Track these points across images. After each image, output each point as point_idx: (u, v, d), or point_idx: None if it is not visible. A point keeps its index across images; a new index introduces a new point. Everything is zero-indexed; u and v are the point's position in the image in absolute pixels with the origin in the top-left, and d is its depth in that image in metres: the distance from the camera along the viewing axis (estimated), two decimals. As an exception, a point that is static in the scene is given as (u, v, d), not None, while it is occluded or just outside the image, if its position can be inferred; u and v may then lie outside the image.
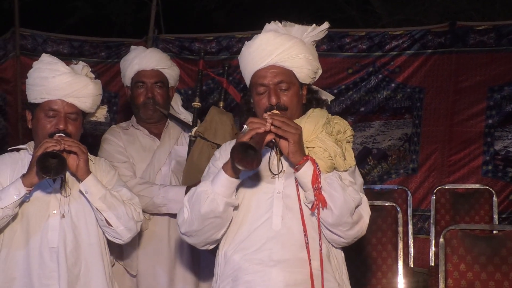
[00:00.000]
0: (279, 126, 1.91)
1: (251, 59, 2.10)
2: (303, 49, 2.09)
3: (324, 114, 2.08)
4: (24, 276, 2.23)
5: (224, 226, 2.04)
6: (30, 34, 4.91)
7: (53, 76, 2.27)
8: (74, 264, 2.26)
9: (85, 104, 2.34)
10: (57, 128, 2.26)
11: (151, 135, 2.99)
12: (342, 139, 2.06)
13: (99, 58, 4.96)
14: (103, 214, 2.25)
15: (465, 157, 4.58)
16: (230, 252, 2.05)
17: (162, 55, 3.05)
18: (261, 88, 2.07)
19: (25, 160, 2.35)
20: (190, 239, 2.10)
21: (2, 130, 4.88)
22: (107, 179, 2.40)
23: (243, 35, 4.96)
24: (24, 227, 2.26)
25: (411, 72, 4.72)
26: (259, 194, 2.04)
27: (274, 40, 2.06)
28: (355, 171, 2.10)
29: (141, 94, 2.94)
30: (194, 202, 2.02)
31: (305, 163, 1.93)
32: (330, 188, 1.93)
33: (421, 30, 4.75)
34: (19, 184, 2.17)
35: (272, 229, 2.00)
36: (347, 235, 1.99)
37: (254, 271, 1.99)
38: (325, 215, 1.94)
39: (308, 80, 2.12)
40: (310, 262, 1.95)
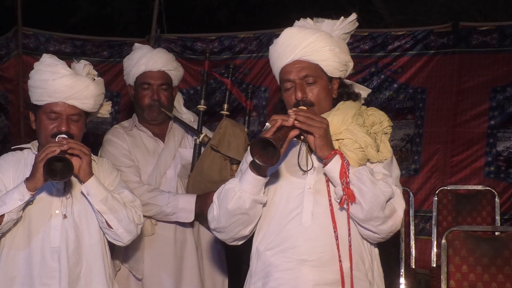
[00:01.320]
0: (304, 121, 1.89)
1: (277, 56, 2.10)
2: (329, 41, 2.07)
3: (354, 106, 2.06)
4: (25, 276, 2.23)
5: (252, 222, 2.04)
6: (33, 33, 4.90)
7: (53, 79, 2.27)
8: (75, 264, 2.26)
9: (86, 105, 2.34)
10: (60, 130, 2.27)
11: (155, 136, 2.97)
12: (378, 130, 2.02)
13: (102, 57, 4.96)
14: (104, 216, 2.26)
15: (467, 158, 4.56)
16: (262, 248, 2.04)
17: (169, 56, 3.02)
18: (288, 84, 2.06)
19: (28, 159, 2.35)
20: (219, 235, 2.10)
21: (4, 129, 4.88)
22: (110, 180, 2.41)
23: (245, 34, 4.96)
24: (26, 227, 2.27)
25: (414, 73, 4.71)
26: (290, 189, 2.03)
27: (298, 34, 2.06)
28: (392, 163, 2.05)
29: (146, 96, 2.92)
30: (222, 198, 2.02)
31: (333, 157, 1.91)
32: (359, 182, 1.90)
33: (424, 31, 4.73)
34: (23, 188, 2.17)
35: (302, 225, 1.98)
36: (380, 230, 1.95)
37: (284, 268, 1.98)
38: (354, 210, 1.91)
39: (337, 73, 2.10)
40: (340, 259, 1.93)
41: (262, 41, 4.89)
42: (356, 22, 2.18)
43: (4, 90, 4.83)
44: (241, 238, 2.10)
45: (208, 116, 4.11)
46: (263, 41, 4.89)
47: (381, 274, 2.08)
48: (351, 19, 2.16)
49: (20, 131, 4.81)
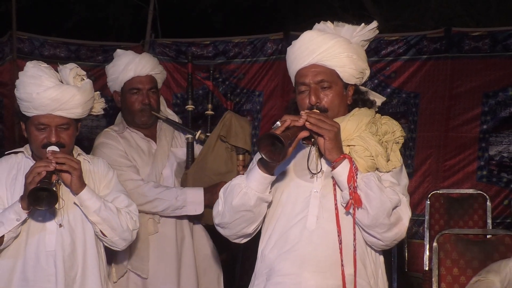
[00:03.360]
0: (315, 123, 1.89)
1: (294, 58, 2.08)
2: (347, 48, 2.05)
3: (369, 114, 2.05)
4: (20, 280, 2.22)
5: (255, 221, 2.03)
6: (27, 37, 4.91)
7: (37, 93, 2.23)
8: (70, 268, 2.26)
9: (75, 113, 2.31)
10: (49, 141, 2.24)
11: (146, 137, 3.00)
12: (390, 139, 2.01)
13: (96, 61, 4.96)
14: (97, 226, 2.26)
15: (460, 162, 4.60)
16: (266, 250, 2.04)
17: (155, 60, 3.05)
18: (303, 87, 2.04)
19: (21, 163, 2.34)
20: (223, 231, 2.09)
21: (-1, 133, 4.88)
22: (105, 181, 2.41)
23: (239, 39, 4.98)
24: (23, 233, 2.26)
25: (407, 78, 4.74)
26: (297, 192, 2.02)
27: (317, 38, 2.04)
28: (401, 172, 2.04)
29: (136, 101, 2.93)
30: (227, 194, 2.02)
31: (342, 161, 1.90)
32: (366, 188, 1.88)
33: (417, 36, 4.77)
34: (18, 208, 2.17)
35: (306, 229, 1.97)
36: (384, 237, 1.92)
37: (286, 272, 1.96)
38: (360, 215, 1.89)
39: (353, 80, 2.09)
40: (343, 264, 1.91)
41: (256, 46, 4.92)
42: (376, 30, 2.15)
43: (-2, 95, 4.84)
44: (245, 235, 2.09)
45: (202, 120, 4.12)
46: (257, 46, 4.92)
47: (386, 282, 2.06)
48: (372, 27, 2.14)
49: (15, 135, 4.81)
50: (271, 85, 4.88)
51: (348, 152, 1.95)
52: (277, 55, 4.87)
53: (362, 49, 2.14)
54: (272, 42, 4.92)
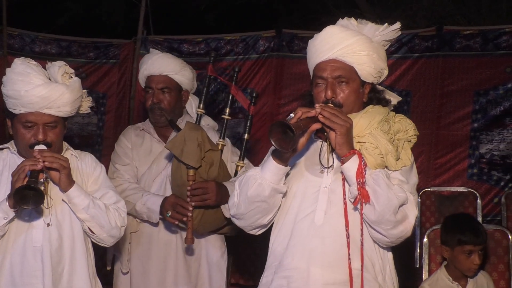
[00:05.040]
0: (328, 117, 1.89)
1: (314, 51, 2.09)
2: (368, 46, 2.06)
3: (382, 112, 2.05)
4: (8, 276, 2.21)
5: (270, 211, 2.04)
6: (18, 33, 4.88)
7: (26, 90, 2.19)
8: (58, 263, 2.25)
9: (63, 112, 2.28)
10: (37, 139, 2.22)
11: (161, 138, 3.00)
12: (402, 138, 2.02)
13: (88, 58, 4.94)
14: (86, 223, 2.25)
15: (450, 160, 4.62)
16: (276, 243, 2.06)
17: (171, 60, 3.00)
18: (320, 80, 2.06)
19: (7, 159, 2.32)
20: (238, 222, 2.11)
21: (-12, 130, 4.85)
22: (93, 177, 2.39)
23: (232, 36, 4.98)
24: (10, 230, 2.24)
25: (398, 75, 4.75)
26: (307, 186, 2.03)
27: (339, 34, 2.05)
28: (411, 171, 2.04)
29: (148, 99, 2.97)
30: (243, 185, 2.03)
31: (352, 156, 1.91)
32: (374, 184, 1.89)
33: (409, 34, 4.78)
34: (6, 207, 2.15)
35: (314, 224, 1.98)
36: (390, 234, 1.93)
37: (294, 266, 1.98)
38: (367, 211, 1.90)
39: (370, 78, 2.09)
40: (350, 258, 1.92)
41: (249, 43, 4.91)
42: (399, 31, 2.15)
43: (-12, 91, 4.80)
44: (260, 226, 2.10)
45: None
46: (249, 43, 4.91)
47: (394, 278, 2.06)
48: (395, 27, 2.14)
49: (5, 132, 4.78)
50: (263, 82, 4.88)
51: (359, 149, 1.96)
52: (269, 52, 4.87)
53: (382, 48, 2.14)
54: (265, 39, 4.92)
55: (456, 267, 2.71)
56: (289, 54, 4.86)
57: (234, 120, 4.69)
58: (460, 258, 2.69)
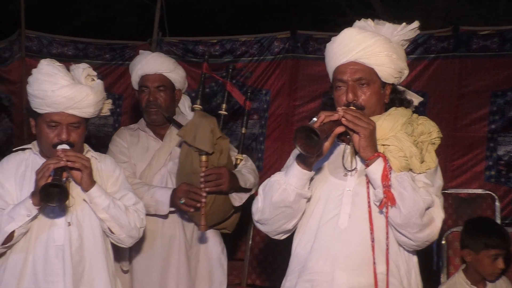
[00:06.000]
0: (351, 120, 1.89)
1: (333, 54, 2.08)
2: (387, 47, 2.05)
3: (406, 114, 2.03)
4: (31, 274, 2.25)
5: (295, 216, 2.04)
6: (36, 36, 4.94)
7: (52, 90, 2.25)
8: (78, 262, 2.28)
9: (86, 113, 2.33)
10: (60, 139, 2.26)
11: (157, 137, 3.04)
12: (425, 140, 2.01)
13: (104, 60, 4.98)
14: (106, 223, 2.28)
15: (468, 162, 4.57)
16: (299, 247, 2.05)
17: (165, 59, 3.08)
18: (340, 83, 2.05)
19: (29, 160, 2.36)
20: (262, 227, 2.11)
21: (8, 130, 4.91)
22: (112, 179, 2.42)
23: (246, 38, 4.98)
24: (33, 228, 2.28)
25: (414, 77, 4.70)
26: (331, 189, 2.02)
27: (357, 36, 2.04)
28: (436, 173, 2.03)
29: (144, 98, 3.00)
30: (267, 191, 2.03)
31: (376, 159, 1.90)
32: (400, 187, 1.87)
33: (424, 35, 4.73)
34: (29, 204, 2.19)
35: (338, 227, 1.97)
36: (416, 238, 1.92)
37: (318, 270, 1.97)
38: (393, 214, 1.88)
39: (391, 79, 2.08)
40: (375, 262, 1.91)
41: (263, 44, 4.91)
42: (417, 30, 2.15)
43: (7, 93, 4.85)
44: (284, 232, 2.09)
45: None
46: (264, 44, 4.91)
47: (419, 283, 2.05)
48: (413, 27, 2.13)
49: (23, 133, 4.84)
50: (278, 83, 4.87)
51: (382, 151, 1.94)
52: (284, 53, 4.86)
53: (402, 48, 2.13)
54: (279, 41, 4.91)
55: (478, 271, 2.68)
56: (304, 55, 4.85)
57: (250, 121, 4.68)
58: (485, 262, 2.66)
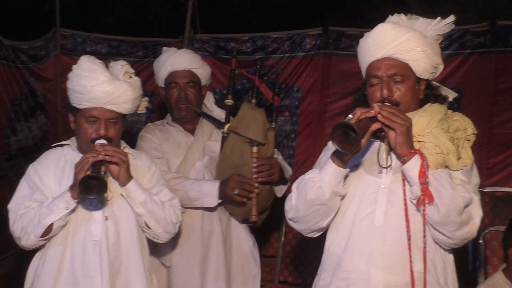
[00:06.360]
0: (387, 116, 1.87)
1: (366, 50, 2.07)
2: (422, 42, 2.03)
3: (441, 110, 2.02)
4: (69, 268, 2.30)
5: (330, 214, 2.03)
6: (70, 34, 5.01)
7: (92, 86, 2.30)
8: (115, 257, 2.32)
9: (124, 109, 2.39)
10: (98, 134, 2.31)
11: (186, 131, 3.06)
12: (461, 137, 1.99)
13: (136, 57, 5.03)
14: (142, 218, 2.31)
15: (504, 159, 4.46)
16: (333, 245, 2.04)
17: (193, 56, 3.12)
18: (374, 80, 2.04)
19: (68, 155, 2.41)
20: (296, 225, 2.10)
21: (43, 127, 5.00)
22: (148, 176, 2.46)
23: (278, 35, 4.96)
24: (70, 222, 2.32)
25: (448, 73, 4.61)
26: (365, 187, 2.01)
27: (391, 31, 2.03)
28: (472, 171, 2.01)
29: (174, 94, 3.03)
30: (301, 188, 2.02)
31: (413, 156, 1.88)
32: (437, 184, 1.86)
33: (459, 30, 4.63)
34: (68, 197, 2.23)
35: (373, 225, 1.96)
36: (454, 236, 1.90)
37: (353, 268, 1.96)
38: (431, 212, 1.87)
39: (426, 75, 2.06)
40: (411, 261, 1.89)
41: (295, 41, 4.89)
42: (452, 24, 2.12)
43: (43, 90, 4.94)
44: (318, 230, 2.09)
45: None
46: (296, 41, 4.89)
47: (455, 282, 2.03)
48: (449, 21, 2.11)
49: (58, 130, 4.93)
50: (309, 80, 4.85)
51: (418, 148, 1.92)
52: (316, 50, 4.83)
53: (436, 43, 2.10)
54: (311, 37, 4.88)
55: None
56: (336, 52, 4.80)
57: (281, 118, 4.68)
58: None
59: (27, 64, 4.83)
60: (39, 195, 2.33)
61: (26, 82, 4.85)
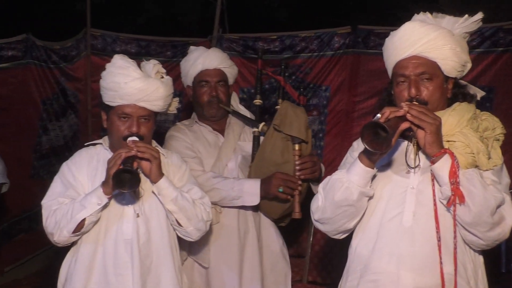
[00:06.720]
0: (416, 115, 1.85)
1: (393, 49, 2.05)
2: (450, 40, 2.01)
3: (470, 109, 1.99)
4: (101, 266, 2.32)
5: (357, 215, 2.01)
6: (101, 34, 5.06)
7: (125, 82, 2.34)
8: (146, 256, 2.34)
9: (157, 106, 2.41)
10: (130, 131, 2.34)
11: (214, 131, 3.07)
12: (490, 136, 1.96)
13: (165, 57, 5.05)
14: (174, 215, 2.33)
15: (539, 160, 4.37)
16: (360, 246, 2.02)
17: (224, 55, 3.14)
18: (401, 78, 2.02)
19: (100, 154, 2.45)
20: (322, 227, 2.09)
21: (74, 126, 5.08)
22: (179, 174, 2.48)
23: (306, 34, 4.93)
24: (101, 221, 2.35)
25: (480, 71, 4.54)
26: (392, 187, 1.99)
27: (419, 29, 2.01)
28: (502, 170, 1.98)
29: (205, 93, 3.02)
30: (328, 189, 2.00)
31: (443, 155, 1.86)
32: (468, 184, 1.83)
33: (492, 27, 4.55)
34: (100, 192, 2.26)
35: (402, 225, 1.94)
36: (486, 237, 1.87)
37: (382, 270, 1.94)
38: (462, 212, 1.84)
39: (454, 73, 2.04)
40: (441, 262, 1.86)
41: (323, 40, 4.86)
42: (480, 22, 2.09)
43: (74, 90, 5.02)
44: (345, 231, 2.07)
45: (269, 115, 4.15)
46: (324, 40, 4.86)
47: (486, 284, 1.99)
48: (476, 18, 2.08)
49: (88, 129, 5.00)
50: (338, 79, 4.81)
51: (448, 148, 1.89)
52: (345, 49, 4.79)
53: (464, 41, 2.07)
54: (340, 36, 4.85)
55: None
56: (365, 51, 4.76)
57: (309, 118, 4.65)
58: None
59: (59, 64, 4.91)
60: (72, 192, 2.37)
61: (57, 82, 4.92)
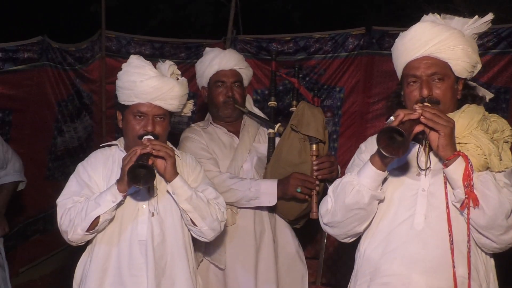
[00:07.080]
0: (430, 118, 1.83)
1: (404, 50, 2.04)
2: (462, 40, 2.00)
3: (480, 111, 1.99)
4: (115, 267, 2.33)
5: (368, 219, 2.00)
6: (115, 36, 5.10)
7: (141, 81, 2.35)
8: (160, 257, 2.34)
9: (172, 105, 2.42)
10: (146, 130, 2.35)
11: (229, 132, 3.07)
12: (499, 138, 1.94)
13: (179, 58, 5.08)
14: (188, 214, 2.33)
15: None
16: (370, 249, 2.00)
17: (240, 56, 3.14)
18: (413, 79, 2.01)
19: (115, 156, 2.46)
20: (331, 230, 2.07)
21: (89, 128, 5.11)
22: (193, 175, 2.48)
23: (320, 35, 4.93)
24: (116, 222, 2.37)
25: (497, 72, 4.50)
26: (403, 190, 1.98)
27: (431, 30, 2.00)
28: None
29: (220, 94, 3.03)
30: (339, 192, 1.99)
31: (456, 158, 1.84)
32: (483, 187, 1.81)
33: (508, 28, 4.52)
34: (115, 190, 2.27)
35: (413, 228, 1.92)
36: (500, 240, 1.85)
37: (393, 273, 1.93)
38: (476, 215, 1.82)
39: (465, 74, 2.03)
40: (454, 265, 1.84)
41: (338, 41, 4.85)
42: (490, 23, 2.08)
43: (89, 91, 5.05)
44: (354, 235, 2.06)
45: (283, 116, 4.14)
46: (339, 41, 4.84)
47: (497, 287, 1.98)
48: (487, 19, 2.07)
49: (102, 130, 5.03)
50: (352, 81, 4.80)
51: (459, 150, 1.87)
52: (359, 50, 4.78)
53: (474, 42, 2.06)
54: (354, 37, 4.83)
55: None
56: (379, 52, 4.74)
57: (323, 119, 4.65)
58: None
59: (74, 66, 4.94)
60: (87, 191, 2.38)
61: (72, 83, 4.96)
